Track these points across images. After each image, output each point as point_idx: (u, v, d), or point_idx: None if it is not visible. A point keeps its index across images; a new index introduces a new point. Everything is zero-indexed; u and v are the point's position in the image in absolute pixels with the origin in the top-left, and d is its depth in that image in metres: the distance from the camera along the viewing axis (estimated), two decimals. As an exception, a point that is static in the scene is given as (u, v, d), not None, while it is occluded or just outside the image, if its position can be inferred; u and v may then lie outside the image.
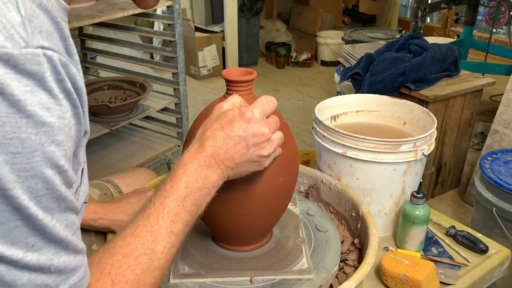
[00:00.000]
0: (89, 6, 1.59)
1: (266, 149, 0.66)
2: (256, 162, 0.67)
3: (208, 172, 0.63)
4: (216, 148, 0.63)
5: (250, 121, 0.64)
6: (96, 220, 0.81)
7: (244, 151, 0.64)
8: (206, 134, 0.64)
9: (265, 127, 0.65)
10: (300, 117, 2.94)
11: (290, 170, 0.80)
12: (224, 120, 0.64)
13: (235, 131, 0.63)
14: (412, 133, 1.25)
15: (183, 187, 0.61)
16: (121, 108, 1.69)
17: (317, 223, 0.95)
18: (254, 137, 0.64)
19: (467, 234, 1.15)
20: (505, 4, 2.55)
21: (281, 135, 0.69)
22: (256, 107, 0.65)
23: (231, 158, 0.64)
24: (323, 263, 0.83)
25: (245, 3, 3.60)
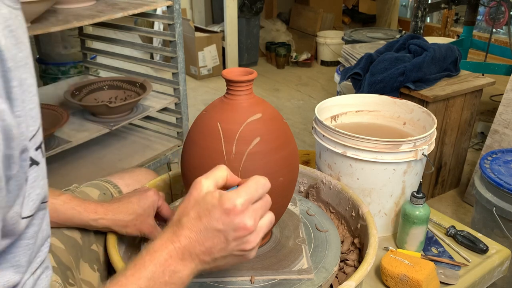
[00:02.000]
0: (89, 6, 1.59)
1: (249, 243, 0.57)
2: (238, 256, 0.59)
3: (179, 265, 0.56)
4: (192, 240, 0.56)
5: (230, 214, 0.55)
6: (97, 220, 0.79)
7: (223, 246, 0.57)
8: (182, 222, 0.57)
9: (249, 219, 0.56)
10: (300, 117, 2.94)
11: (290, 170, 0.80)
12: (202, 208, 0.56)
13: (213, 223, 0.56)
14: (412, 133, 1.25)
15: (146, 277, 0.54)
16: (121, 108, 1.69)
17: (317, 223, 0.95)
18: (235, 231, 0.56)
19: (467, 234, 1.15)
20: (505, 4, 2.55)
21: (270, 219, 0.60)
22: (241, 195, 0.56)
23: (207, 252, 0.57)
24: (323, 263, 0.83)
25: (245, 3, 3.60)
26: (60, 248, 0.77)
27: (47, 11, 1.41)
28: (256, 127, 0.77)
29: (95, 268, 0.83)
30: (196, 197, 0.58)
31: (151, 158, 1.83)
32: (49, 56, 2.57)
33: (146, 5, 1.64)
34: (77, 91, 1.77)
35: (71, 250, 0.79)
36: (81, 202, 0.79)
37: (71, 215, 0.77)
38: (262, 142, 0.77)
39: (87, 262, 0.82)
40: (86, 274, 0.81)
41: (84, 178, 0.97)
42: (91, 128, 1.63)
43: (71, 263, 0.77)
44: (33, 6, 1.26)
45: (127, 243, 0.92)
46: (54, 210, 0.76)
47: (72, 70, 2.60)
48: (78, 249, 0.81)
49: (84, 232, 0.83)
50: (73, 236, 0.81)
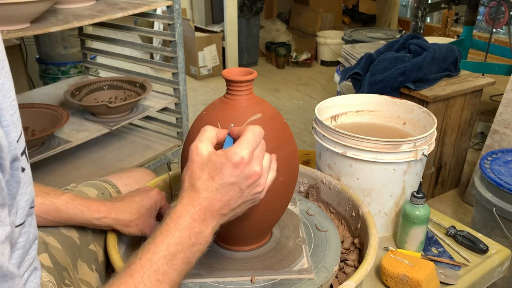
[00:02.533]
0: (89, 6, 1.59)
1: (260, 186, 0.64)
2: (251, 200, 0.65)
3: (202, 226, 0.60)
4: (210, 199, 0.60)
5: (239, 166, 0.60)
6: (100, 219, 0.79)
7: (239, 195, 0.62)
8: (196, 186, 0.61)
9: (256, 165, 0.62)
10: (300, 117, 2.94)
11: (290, 170, 0.80)
12: (212, 168, 0.61)
13: (227, 178, 0.60)
14: (412, 133, 1.25)
15: (174, 243, 0.58)
16: (121, 108, 1.69)
17: (317, 223, 0.95)
18: (247, 179, 0.61)
19: (467, 234, 1.15)
20: (505, 4, 2.55)
21: (269, 159, 0.66)
22: (243, 146, 0.61)
23: (226, 205, 0.61)
24: (323, 263, 0.83)
25: (245, 3, 3.60)
26: (56, 248, 0.76)
27: (47, 11, 1.41)
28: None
29: (93, 268, 0.83)
30: (201, 160, 0.62)
31: (151, 158, 1.83)
32: (49, 56, 2.57)
33: (146, 5, 1.64)
34: (77, 91, 1.77)
35: (68, 250, 0.79)
36: (83, 201, 0.79)
37: (73, 215, 0.78)
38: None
39: (85, 262, 0.82)
40: (84, 274, 0.81)
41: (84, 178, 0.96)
42: (91, 128, 1.63)
43: (67, 263, 0.77)
44: (33, 6, 1.26)
45: (127, 243, 0.92)
46: (56, 210, 0.76)
47: (72, 70, 2.60)
48: (76, 249, 0.80)
49: (82, 232, 0.83)
50: (70, 236, 0.80)
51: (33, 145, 1.46)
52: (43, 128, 1.56)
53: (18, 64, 2.44)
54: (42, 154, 1.44)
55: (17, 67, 2.43)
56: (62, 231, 0.80)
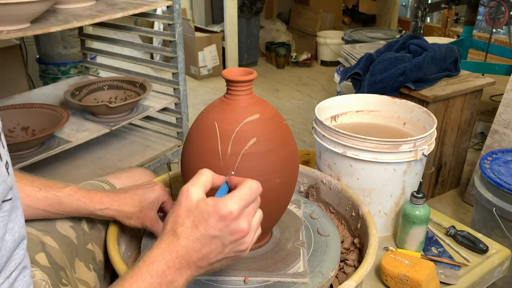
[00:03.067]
0: (89, 6, 1.59)
1: (244, 244, 0.60)
2: (232, 257, 0.61)
3: (176, 275, 0.57)
4: (189, 249, 0.57)
5: (226, 219, 0.57)
6: (103, 210, 0.79)
7: (220, 250, 0.58)
8: (178, 232, 0.57)
9: (244, 222, 0.58)
10: (300, 117, 2.94)
11: (287, 172, 0.80)
12: (197, 216, 0.57)
13: (210, 230, 0.57)
14: (412, 133, 1.25)
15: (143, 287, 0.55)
16: (121, 108, 1.69)
17: (319, 227, 0.94)
18: (232, 235, 0.58)
19: (467, 234, 1.15)
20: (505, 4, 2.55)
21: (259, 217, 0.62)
22: (235, 200, 0.58)
23: (204, 258, 0.58)
24: (320, 268, 0.82)
25: (245, 3, 3.60)
26: (53, 248, 0.76)
27: (47, 11, 1.41)
28: (253, 128, 0.77)
29: (91, 267, 0.83)
30: (188, 206, 0.59)
31: (151, 158, 1.83)
32: (49, 56, 2.57)
33: (146, 5, 1.64)
34: (77, 91, 1.77)
35: (66, 250, 0.79)
36: (86, 193, 0.79)
37: (76, 206, 0.78)
38: (259, 142, 0.76)
39: (82, 262, 0.82)
40: (82, 273, 0.81)
41: (84, 178, 0.96)
42: (91, 128, 1.63)
43: (65, 263, 0.77)
44: (33, 6, 1.26)
45: (127, 243, 0.93)
46: (59, 202, 0.77)
47: (72, 70, 2.60)
48: (73, 248, 0.80)
49: (79, 231, 0.83)
50: (67, 235, 0.80)
51: (33, 145, 1.46)
52: (43, 128, 1.56)
53: (18, 64, 2.44)
54: (42, 154, 1.44)
55: (17, 67, 2.43)
56: (60, 230, 0.80)
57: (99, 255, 0.86)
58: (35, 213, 0.77)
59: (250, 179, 0.62)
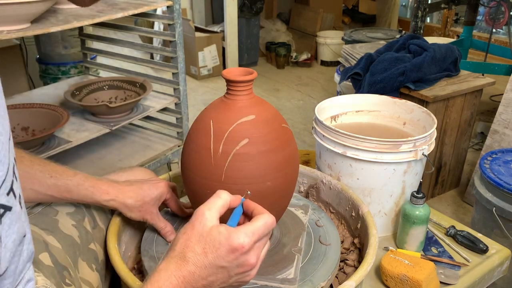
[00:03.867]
0: (89, 6, 1.59)
1: (249, 276, 0.61)
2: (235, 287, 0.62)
3: None
4: (196, 275, 0.57)
5: (236, 252, 0.57)
6: (108, 201, 0.82)
7: (225, 280, 0.59)
8: (187, 257, 0.58)
9: (253, 256, 0.59)
10: (300, 117, 2.94)
11: (290, 170, 0.80)
12: (208, 244, 0.58)
13: (219, 260, 0.57)
14: (412, 133, 1.25)
15: None
16: (121, 108, 1.69)
17: (322, 235, 0.91)
18: (239, 268, 0.59)
19: (467, 234, 1.15)
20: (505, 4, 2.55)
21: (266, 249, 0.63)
22: (248, 234, 0.58)
23: (208, 285, 0.59)
24: (311, 277, 0.80)
25: (245, 3, 3.60)
26: (56, 248, 0.76)
27: (47, 11, 1.41)
28: (246, 128, 0.76)
29: (94, 267, 0.83)
30: (201, 231, 0.59)
31: (151, 158, 1.83)
32: (49, 56, 2.57)
33: (146, 5, 1.64)
34: (77, 91, 1.77)
35: (69, 249, 0.79)
36: (94, 182, 0.82)
37: (83, 195, 0.81)
38: (251, 144, 0.76)
39: (85, 261, 0.82)
40: (85, 273, 0.81)
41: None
42: (91, 128, 1.63)
43: (68, 263, 0.77)
44: (33, 6, 1.26)
45: (127, 242, 0.93)
46: (68, 190, 0.80)
47: (72, 70, 2.60)
48: (76, 248, 0.81)
49: (82, 231, 0.83)
50: (70, 235, 0.81)
51: (33, 145, 1.46)
52: (43, 128, 1.56)
53: (18, 64, 2.44)
54: (42, 154, 1.44)
55: (17, 67, 2.43)
56: (62, 230, 0.80)
57: (101, 255, 0.86)
58: (43, 198, 0.80)
59: (267, 213, 0.62)
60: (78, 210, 0.85)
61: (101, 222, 0.89)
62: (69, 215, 0.83)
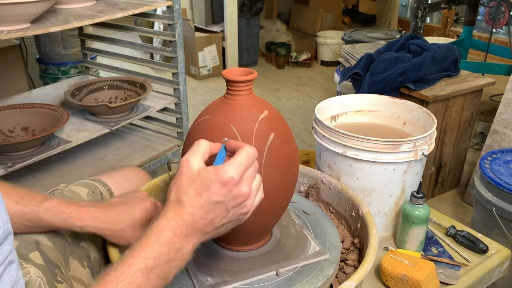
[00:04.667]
0: (89, 6, 1.59)
1: (246, 207, 0.62)
2: (235, 221, 0.64)
3: (183, 242, 0.59)
4: (194, 216, 0.59)
5: (228, 185, 0.59)
6: (83, 227, 0.75)
7: (224, 214, 0.61)
8: (182, 201, 0.59)
9: (245, 186, 0.61)
10: (300, 117, 2.94)
11: (290, 170, 0.80)
12: (200, 184, 0.60)
13: (214, 197, 0.59)
14: (412, 133, 1.25)
15: (152, 257, 0.57)
16: (121, 108, 1.69)
17: (303, 208, 0.99)
18: (234, 200, 0.61)
19: (467, 234, 1.15)
20: (505, 4, 2.56)
21: (259, 180, 0.65)
22: (234, 166, 0.60)
23: (210, 224, 0.61)
24: (329, 242, 0.88)
25: (245, 3, 3.60)
26: (47, 246, 0.76)
27: (47, 11, 1.41)
28: (267, 124, 0.78)
29: (85, 264, 0.83)
30: (190, 175, 0.61)
31: (151, 158, 1.83)
32: (49, 56, 2.57)
33: (146, 5, 1.64)
34: (77, 91, 1.77)
35: (59, 248, 0.79)
36: (66, 207, 0.75)
37: (55, 222, 0.75)
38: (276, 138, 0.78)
39: (76, 259, 0.82)
40: (76, 270, 0.81)
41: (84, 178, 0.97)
42: (91, 128, 1.63)
43: (59, 261, 0.77)
44: (33, 6, 1.26)
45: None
46: (37, 218, 0.73)
47: (72, 70, 2.60)
48: (67, 246, 0.81)
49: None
50: (61, 234, 0.81)
51: (33, 145, 1.46)
52: (43, 128, 1.56)
53: (18, 64, 2.44)
54: (42, 154, 1.44)
55: (17, 67, 2.43)
56: None
57: (93, 252, 0.86)
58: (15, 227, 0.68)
59: (246, 145, 0.64)
60: None
61: None
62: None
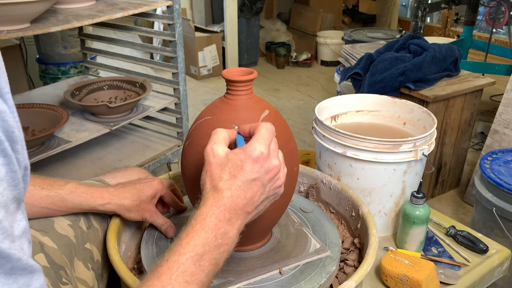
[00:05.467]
0: (89, 6, 1.59)
1: (280, 179, 0.65)
2: (273, 195, 0.66)
3: (228, 226, 0.60)
4: (234, 198, 0.61)
5: (260, 160, 0.61)
6: (104, 205, 0.82)
7: (262, 190, 0.63)
8: (219, 187, 0.61)
9: (274, 159, 0.63)
10: (300, 117, 2.94)
11: (290, 170, 0.80)
12: (232, 167, 0.61)
13: (248, 175, 0.61)
14: (412, 133, 1.25)
15: (200, 244, 0.58)
16: (121, 108, 1.69)
17: (300, 206, 0.99)
18: (268, 174, 0.62)
19: (467, 234, 1.15)
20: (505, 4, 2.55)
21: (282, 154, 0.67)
22: (260, 141, 0.62)
23: (250, 203, 0.62)
24: (329, 239, 0.88)
25: (245, 3, 3.60)
26: (52, 248, 0.77)
27: (47, 11, 1.41)
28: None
29: (89, 266, 0.83)
30: (219, 161, 0.62)
31: (151, 158, 1.83)
32: (49, 56, 2.57)
33: (146, 5, 1.64)
34: (77, 91, 1.77)
35: (65, 249, 0.79)
36: (86, 188, 0.82)
37: (78, 203, 0.81)
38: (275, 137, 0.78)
39: (81, 261, 0.82)
40: (80, 272, 0.81)
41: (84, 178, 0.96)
42: (91, 128, 1.63)
43: (64, 262, 0.77)
44: (33, 6, 1.26)
45: (127, 243, 0.93)
46: (62, 199, 0.79)
47: (72, 70, 2.60)
48: (72, 248, 0.81)
49: (78, 230, 0.83)
50: (66, 235, 0.81)
51: (33, 145, 1.46)
52: (43, 128, 1.56)
53: (18, 64, 2.44)
54: (42, 154, 1.44)
55: (17, 67, 2.43)
56: (58, 230, 0.80)
57: (96, 254, 0.86)
58: (39, 212, 0.79)
59: (263, 122, 0.66)
60: None
61: (96, 222, 0.89)
62: (64, 215, 0.83)
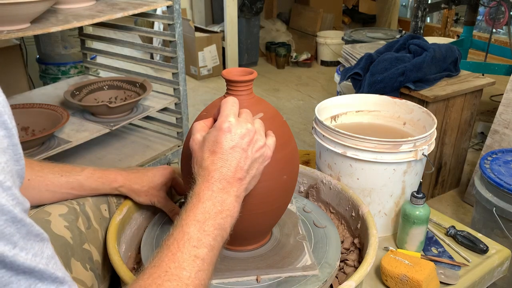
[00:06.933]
0: (89, 6, 1.59)
1: (259, 140, 0.68)
2: (260, 157, 0.68)
3: (224, 195, 0.64)
4: (220, 169, 0.64)
5: (231, 129, 0.65)
6: (118, 188, 0.89)
7: (245, 155, 0.66)
8: (204, 165, 0.65)
9: (245, 123, 0.67)
10: (300, 117, 2.94)
11: (290, 170, 0.80)
12: (210, 144, 0.66)
13: (226, 144, 0.65)
14: (412, 133, 1.25)
15: (200, 213, 0.62)
16: (121, 108, 1.69)
17: (314, 220, 0.96)
18: (244, 138, 0.66)
19: (467, 234, 1.15)
20: (505, 4, 2.55)
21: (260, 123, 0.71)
22: (225, 113, 0.67)
23: (238, 169, 0.65)
24: (325, 259, 0.84)
25: (245, 3, 3.60)
26: None
27: (47, 11, 1.41)
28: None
29: (88, 267, 0.83)
30: (198, 145, 0.67)
31: (151, 158, 1.83)
32: (49, 56, 2.57)
33: (146, 5, 1.64)
34: (77, 91, 1.77)
35: (60, 250, 0.79)
36: (102, 173, 0.88)
37: (95, 187, 0.87)
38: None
39: (79, 261, 0.82)
40: (78, 273, 0.81)
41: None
42: (91, 128, 1.63)
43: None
44: (33, 6, 1.26)
45: (127, 243, 0.93)
46: (80, 185, 0.85)
47: (72, 70, 2.60)
48: (69, 248, 0.81)
49: (75, 231, 0.83)
50: (62, 235, 0.81)
51: (33, 145, 1.46)
52: (43, 128, 1.56)
53: (18, 64, 2.44)
54: (42, 154, 1.44)
55: (17, 67, 2.43)
56: (54, 231, 0.80)
57: (96, 255, 0.86)
58: (61, 197, 0.85)
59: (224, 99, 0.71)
60: (72, 211, 0.85)
61: (96, 222, 0.89)
62: (61, 216, 0.83)
